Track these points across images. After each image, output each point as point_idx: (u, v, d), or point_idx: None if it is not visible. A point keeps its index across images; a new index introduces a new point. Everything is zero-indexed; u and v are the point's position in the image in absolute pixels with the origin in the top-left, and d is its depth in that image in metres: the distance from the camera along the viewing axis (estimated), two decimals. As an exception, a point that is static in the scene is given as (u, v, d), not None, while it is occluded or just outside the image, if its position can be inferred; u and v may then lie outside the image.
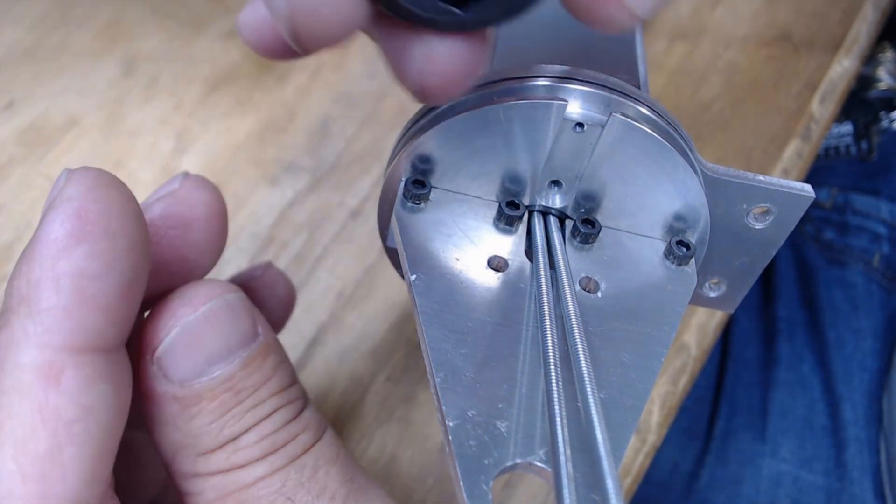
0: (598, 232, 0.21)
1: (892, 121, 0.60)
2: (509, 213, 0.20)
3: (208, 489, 0.18)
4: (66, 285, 0.15)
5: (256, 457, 0.18)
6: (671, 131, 0.20)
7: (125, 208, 0.16)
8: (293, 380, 0.19)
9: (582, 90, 0.19)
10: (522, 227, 0.21)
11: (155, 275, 0.20)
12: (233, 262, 0.35)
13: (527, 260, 0.20)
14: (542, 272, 0.19)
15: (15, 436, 0.15)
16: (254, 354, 0.18)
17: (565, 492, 0.14)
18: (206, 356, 0.17)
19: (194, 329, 0.17)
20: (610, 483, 0.14)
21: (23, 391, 0.15)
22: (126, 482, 0.22)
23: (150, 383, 0.17)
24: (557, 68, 0.19)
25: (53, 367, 0.15)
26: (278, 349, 0.19)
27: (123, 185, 0.17)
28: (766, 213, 0.21)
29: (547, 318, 0.18)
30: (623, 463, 0.33)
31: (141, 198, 0.19)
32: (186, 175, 0.20)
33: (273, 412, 0.18)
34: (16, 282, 0.16)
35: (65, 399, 0.15)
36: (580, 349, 0.17)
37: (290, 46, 0.14)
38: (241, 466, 0.18)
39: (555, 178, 0.20)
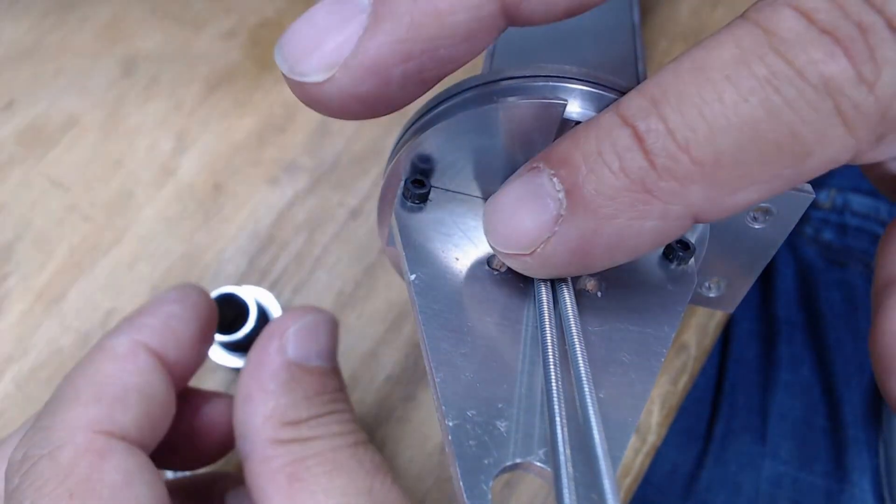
0: (598, 232, 0.21)
1: (891, 122, 0.60)
2: (509, 212, 0.20)
3: (285, 454, 0.22)
4: None
5: (321, 435, 0.23)
6: (671, 131, 0.20)
7: None
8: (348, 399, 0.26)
9: (582, 90, 0.19)
10: None
11: None
12: (233, 261, 0.35)
13: (526, 260, 0.20)
14: (542, 272, 0.19)
15: None
16: (335, 367, 0.25)
17: (565, 492, 0.14)
18: (316, 350, 0.24)
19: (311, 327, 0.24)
20: (607, 483, 0.14)
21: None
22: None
23: (274, 356, 0.23)
24: (557, 68, 0.19)
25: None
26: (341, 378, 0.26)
27: None
28: (766, 212, 0.21)
29: (546, 317, 0.18)
30: (623, 463, 0.33)
31: (141, 196, 0.19)
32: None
33: (344, 410, 0.24)
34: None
35: None
36: (578, 349, 0.17)
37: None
38: (310, 439, 0.22)
39: (555, 178, 0.20)
